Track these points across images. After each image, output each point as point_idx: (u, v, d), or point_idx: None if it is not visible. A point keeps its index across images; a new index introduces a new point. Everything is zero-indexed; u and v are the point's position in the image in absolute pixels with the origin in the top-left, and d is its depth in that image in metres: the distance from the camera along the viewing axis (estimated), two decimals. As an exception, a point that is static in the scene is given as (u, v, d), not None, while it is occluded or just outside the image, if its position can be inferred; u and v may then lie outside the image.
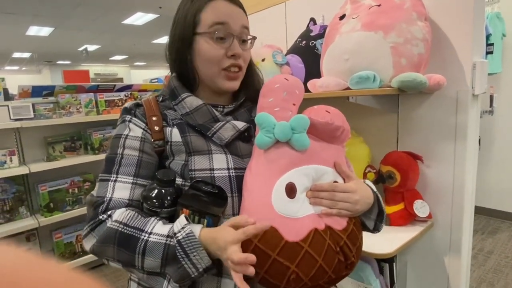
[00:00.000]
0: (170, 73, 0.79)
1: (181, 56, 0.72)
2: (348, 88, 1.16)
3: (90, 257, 2.54)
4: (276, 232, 0.61)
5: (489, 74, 2.75)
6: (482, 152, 3.03)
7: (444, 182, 1.24)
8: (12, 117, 2.21)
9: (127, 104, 0.75)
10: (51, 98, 2.53)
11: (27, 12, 5.92)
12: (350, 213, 0.68)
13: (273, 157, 0.66)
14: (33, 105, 2.33)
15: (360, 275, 1.23)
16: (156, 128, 0.70)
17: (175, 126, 0.71)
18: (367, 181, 0.77)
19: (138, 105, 0.74)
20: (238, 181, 0.68)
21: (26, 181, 2.43)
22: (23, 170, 2.19)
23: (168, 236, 0.60)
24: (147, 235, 0.61)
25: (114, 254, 0.63)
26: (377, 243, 1.12)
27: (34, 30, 7.25)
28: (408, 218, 1.24)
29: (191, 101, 0.72)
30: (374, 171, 1.32)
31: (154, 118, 0.71)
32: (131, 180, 0.68)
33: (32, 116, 2.30)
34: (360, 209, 0.69)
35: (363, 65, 1.10)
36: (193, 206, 0.62)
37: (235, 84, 0.73)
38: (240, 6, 0.73)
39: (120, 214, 0.64)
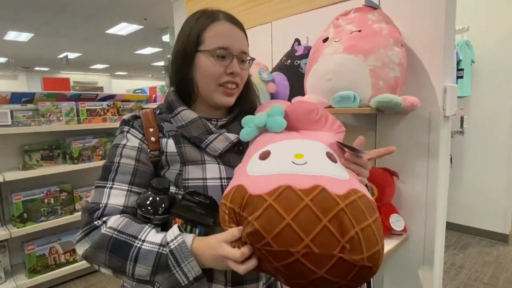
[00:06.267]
0: (167, 86, 0.83)
1: (182, 70, 0.76)
2: (330, 106, 1.22)
3: (61, 271, 2.45)
4: (242, 188, 0.58)
5: (459, 97, 2.93)
6: (453, 170, 3.19)
7: (418, 197, 1.31)
8: (-12, 124, 2.14)
9: (125, 116, 0.77)
10: (31, 105, 2.47)
11: (6, 17, 5.79)
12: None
13: (256, 143, 0.69)
14: (11, 111, 2.27)
15: None
16: (153, 139, 0.73)
17: (170, 138, 0.74)
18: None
19: (136, 117, 0.77)
20: None
21: (-1, 190, 2.34)
22: (-4, 179, 2.12)
23: (161, 244, 0.62)
24: (140, 242, 0.63)
25: (106, 260, 0.64)
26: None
27: (12, 35, 7.08)
28: (384, 231, 1.30)
29: (187, 114, 0.75)
30: (353, 186, 1.37)
31: (151, 130, 0.74)
32: (126, 188, 0.70)
33: (10, 123, 2.24)
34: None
35: (344, 86, 1.17)
36: (186, 216, 0.64)
37: (230, 100, 0.77)
38: (242, 28, 0.77)
39: (115, 221, 0.65)
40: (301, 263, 0.51)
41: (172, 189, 0.71)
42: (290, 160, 0.59)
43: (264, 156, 0.62)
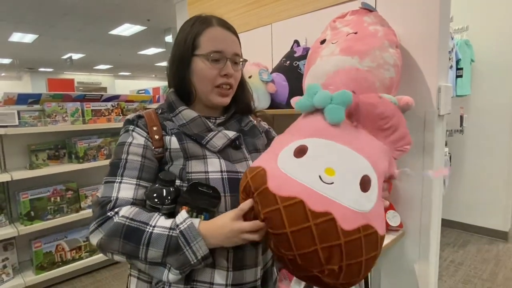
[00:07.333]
0: (167, 87, 0.88)
1: (180, 73, 0.82)
2: (327, 106, 1.26)
3: (68, 268, 2.51)
4: (264, 174, 0.61)
5: (459, 96, 2.96)
6: (453, 169, 3.21)
7: (413, 194, 1.35)
8: (-4, 124, 2.20)
9: (129, 116, 0.83)
10: (37, 106, 2.53)
11: (11, 19, 5.87)
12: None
13: (304, 123, 0.68)
14: (18, 112, 2.33)
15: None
16: (156, 137, 0.79)
17: (173, 135, 0.79)
18: None
19: (140, 117, 0.82)
20: (230, 183, 0.76)
21: (7, 188, 2.40)
22: (4, 178, 2.17)
23: (170, 228, 0.68)
24: (151, 228, 0.68)
25: (120, 247, 0.69)
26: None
27: (17, 37, 7.16)
28: (381, 227, 1.34)
29: (187, 114, 0.81)
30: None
31: (154, 128, 0.80)
32: (135, 182, 0.75)
33: (17, 123, 2.30)
34: None
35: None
36: (192, 204, 0.71)
37: (226, 100, 0.83)
38: (234, 32, 0.84)
39: (126, 210, 0.71)
40: (289, 262, 0.60)
41: (177, 182, 0.77)
42: (318, 173, 0.58)
43: (299, 152, 0.61)
